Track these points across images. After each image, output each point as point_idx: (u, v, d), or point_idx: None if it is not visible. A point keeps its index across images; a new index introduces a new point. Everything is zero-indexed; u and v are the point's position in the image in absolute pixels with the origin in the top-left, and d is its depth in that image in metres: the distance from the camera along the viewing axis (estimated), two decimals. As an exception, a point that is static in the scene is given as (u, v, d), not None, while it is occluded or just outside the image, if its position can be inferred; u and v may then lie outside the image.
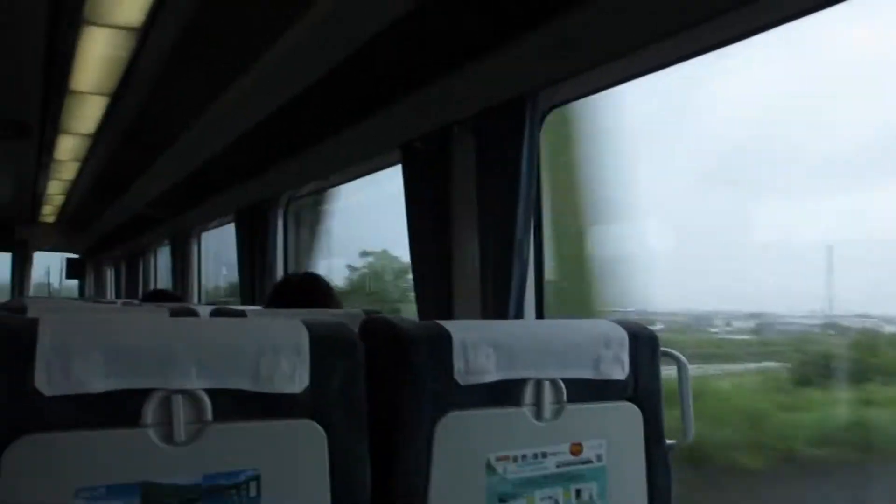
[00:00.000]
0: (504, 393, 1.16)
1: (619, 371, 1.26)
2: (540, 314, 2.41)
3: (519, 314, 2.25)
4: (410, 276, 2.74)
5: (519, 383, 1.17)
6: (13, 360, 0.83)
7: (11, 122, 4.31)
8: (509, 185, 2.22)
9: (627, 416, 1.27)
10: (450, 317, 2.51)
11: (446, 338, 1.13)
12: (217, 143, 3.56)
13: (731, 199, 2.31)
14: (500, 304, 2.25)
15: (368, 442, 1.04)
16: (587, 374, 1.23)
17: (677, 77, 2.07)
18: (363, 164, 3.32)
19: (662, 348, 1.34)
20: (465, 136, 2.44)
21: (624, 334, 1.28)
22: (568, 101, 2.32)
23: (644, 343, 1.31)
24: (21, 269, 11.94)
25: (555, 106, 2.34)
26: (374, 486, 1.03)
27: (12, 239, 11.68)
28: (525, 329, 1.26)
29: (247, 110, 2.95)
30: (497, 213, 2.28)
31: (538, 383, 1.18)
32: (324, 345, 1.00)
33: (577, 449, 1.20)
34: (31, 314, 0.91)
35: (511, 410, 1.17)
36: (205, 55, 3.41)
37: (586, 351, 1.24)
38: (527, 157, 2.21)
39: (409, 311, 2.88)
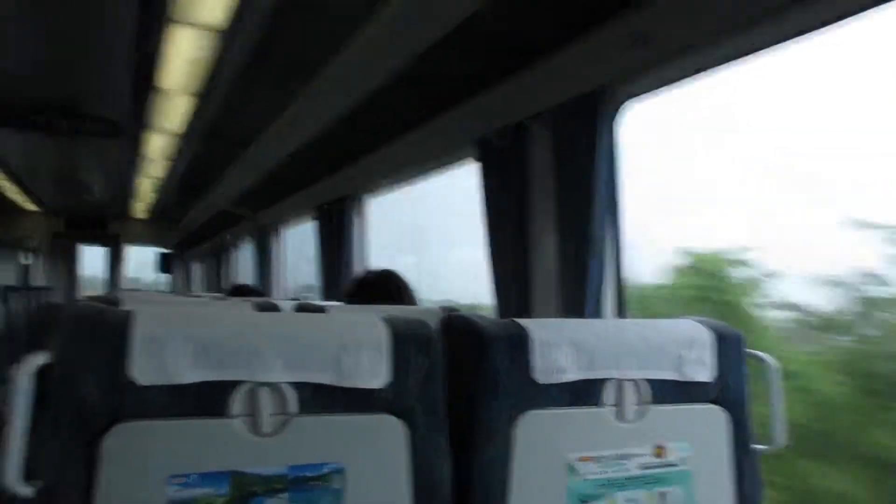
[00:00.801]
0: (584, 393, 1.15)
1: (704, 372, 1.23)
2: (620, 313, 2.37)
3: (597, 313, 2.22)
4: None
5: (599, 383, 1.16)
6: (111, 350, 0.87)
7: (104, 121, 4.50)
8: (586, 181, 2.19)
9: (713, 418, 1.23)
10: (527, 315, 2.49)
11: (525, 336, 1.12)
12: (297, 141, 3.64)
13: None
14: (578, 302, 2.22)
15: (448, 438, 1.04)
16: (670, 375, 1.20)
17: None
18: (438, 160, 3.33)
19: (749, 350, 1.30)
20: (542, 131, 2.42)
21: (708, 335, 1.24)
22: (645, 93, 2.27)
23: (730, 344, 1.26)
24: (115, 263, 12.52)
25: (631, 98, 2.29)
26: (454, 482, 1.04)
27: (106, 234, 12.27)
28: (604, 328, 1.24)
29: (325, 108, 3.00)
30: (574, 209, 2.25)
31: (619, 383, 1.16)
32: (404, 341, 1.01)
33: (660, 451, 1.17)
34: (124, 307, 0.95)
35: (591, 410, 1.15)
36: (285, 55, 3.49)
37: (669, 351, 1.21)
38: (604, 151, 2.18)
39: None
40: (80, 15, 3.17)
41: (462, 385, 1.10)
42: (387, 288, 2.15)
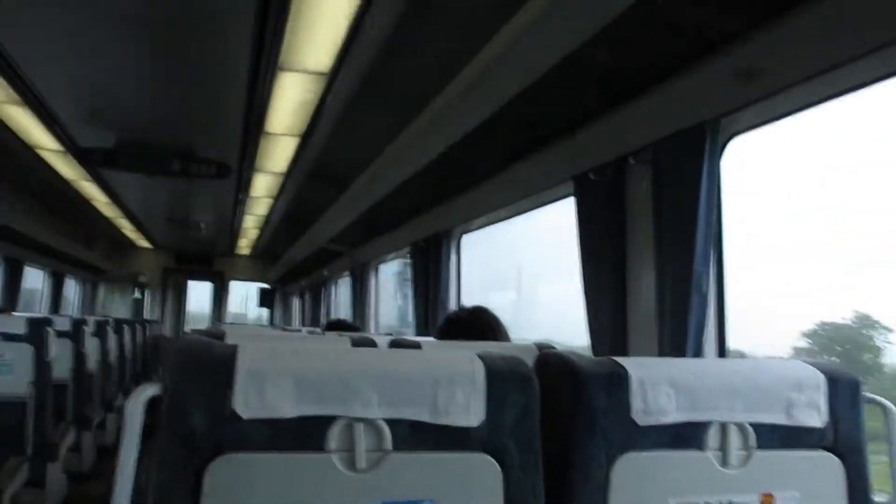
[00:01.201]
0: (685, 436, 1.10)
1: (815, 417, 1.16)
2: (722, 352, 2.28)
3: (698, 352, 2.14)
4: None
5: (702, 426, 1.11)
6: (217, 383, 0.90)
7: (215, 163, 4.73)
8: (688, 217, 2.13)
9: (826, 467, 1.16)
10: (624, 353, 2.43)
11: (623, 375, 1.09)
12: (395, 180, 3.71)
13: None
14: (678, 340, 2.15)
15: (543, 479, 1.02)
16: (778, 419, 1.14)
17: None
18: (534, 197, 3.32)
19: (866, 394, 1.22)
20: (642, 166, 2.38)
21: (819, 377, 1.17)
22: (750, 128, 2.20)
23: (844, 387, 1.19)
24: (219, 297, 13.05)
25: (736, 133, 2.23)
26: None
27: (212, 270, 12.83)
28: (707, 368, 1.19)
29: (424, 147, 3.05)
30: (675, 245, 2.19)
31: (723, 427, 1.11)
32: (499, 378, 1.00)
33: (767, 500, 1.11)
34: (228, 340, 0.98)
35: (693, 454, 1.10)
36: (385, 96, 3.59)
37: (776, 394, 1.14)
38: (706, 187, 2.12)
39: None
40: (199, 66, 3.38)
41: (557, 424, 1.07)
42: (479, 325, 2.14)
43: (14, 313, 5.06)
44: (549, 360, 1.15)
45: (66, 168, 5.62)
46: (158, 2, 2.72)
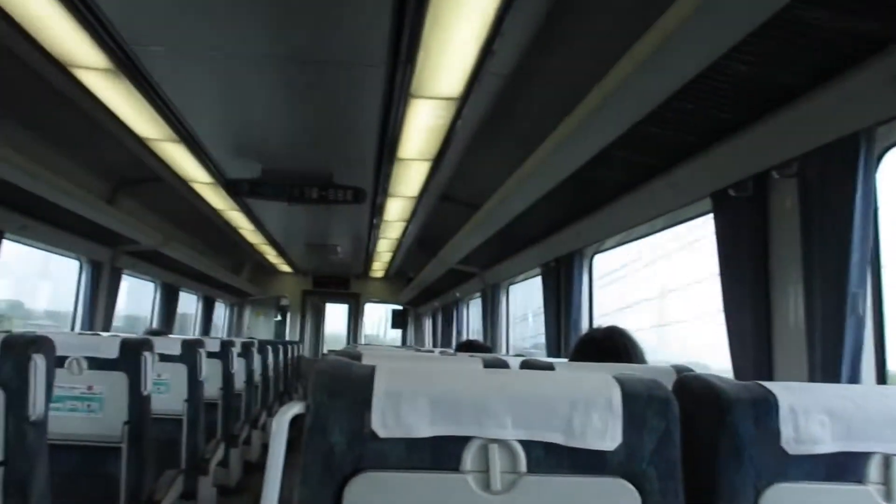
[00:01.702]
0: (843, 467, 1.03)
1: None
2: (882, 378, 2.10)
3: (854, 377, 1.99)
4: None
5: (861, 457, 1.03)
6: (356, 403, 0.93)
7: (351, 189, 4.91)
8: (840, 234, 1.99)
9: None
10: (770, 378, 2.30)
11: (772, 401, 1.03)
12: (525, 201, 3.71)
13: None
14: (830, 365, 2.00)
15: None
16: None
17: None
18: (669, 214, 3.22)
19: None
20: (786, 181, 2.26)
21: None
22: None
23: None
24: (355, 318, 13.48)
25: (892, 144, 2.07)
26: None
27: (349, 292, 13.29)
28: (866, 395, 1.10)
29: (555, 167, 3.04)
30: (826, 264, 2.06)
31: (887, 459, 1.02)
32: (637, 402, 0.97)
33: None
34: (364, 361, 1.01)
35: (851, 488, 1.02)
36: (514, 119, 3.61)
37: None
38: (861, 201, 1.97)
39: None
40: (335, 97, 3.54)
41: (698, 451, 1.03)
42: (613, 346, 2.08)
43: (170, 336, 5.44)
44: (689, 383, 1.11)
45: (216, 198, 6.02)
46: (297, 40, 2.88)
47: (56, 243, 5.51)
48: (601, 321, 4.35)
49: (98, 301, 6.21)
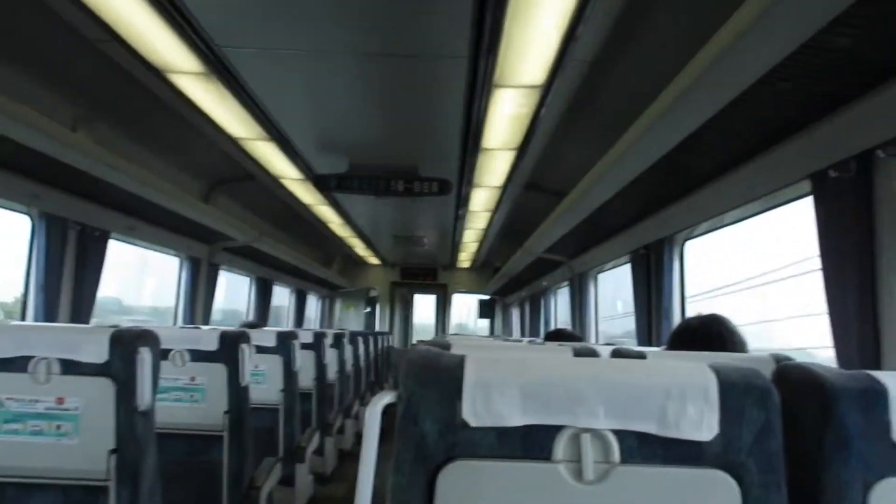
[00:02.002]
0: None
1: None
2: None
3: (974, 366, 1.87)
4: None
5: None
6: (447, 392, 0.94)
7: (437, 181, 4.94)
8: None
9: None
10: (876, 366, 2.19)
11: (881, 391, 0.98)
12: (612, 188, 3.65)
13: None
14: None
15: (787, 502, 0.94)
16: None
17: None
18: (764, 198, 3.10)
19: None
20: (892, 160, 2.14)
21: None
22: None
23: None
24: (443, 309, 13.61)
25: None
26: None
27: (436, 283, 13.42)
28: None
29: (642, 153, 2.97)
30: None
31: None
32: (734, 391, 0.93)
33: None
34: (454, 350, 1.01)
35: None
36: (599, 105, 3.55)
37: None
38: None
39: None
40: (420, 90, 3.57)
41: (800, 444, 0.99)
42: (712, 335, 2.01)
43: (265, 328, 5.63)
44: (790, 372, 1.06)
45: (306, 194, 6.18)
46: (381, 35, 2.91)
47: (158, 242, 5.78)
48: (694, 310, 4.24)
49: (197, 296, 6.49)
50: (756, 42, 1.86)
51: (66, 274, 4.25)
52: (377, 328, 13.14)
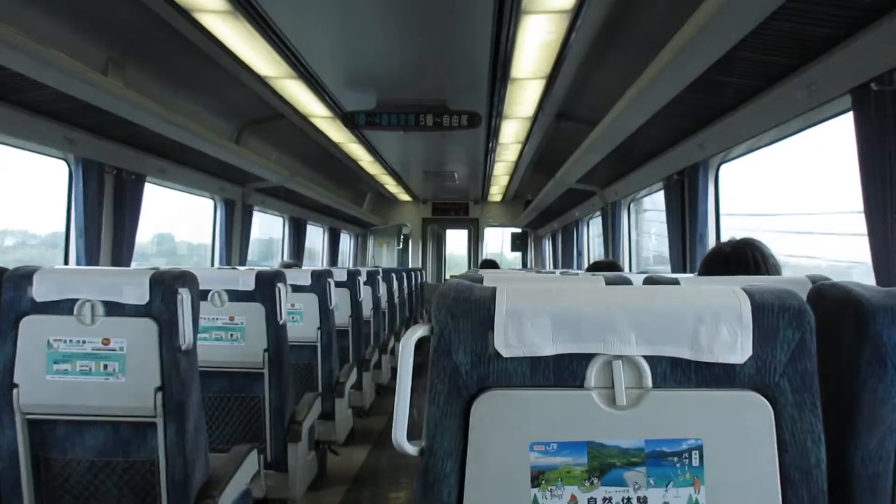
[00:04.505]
0: None
1: None
2: None
3: None
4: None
5: None
6: (479, 324, 0.94)
7: (466, 114, 4.89)
8: None
9: None
10: (919, 284, 2.15)
11: None
12: (644, 113, 3.56)
13: None
14: None
15: (822, 421, 0.94)
16: None
17: None
18: (803, 117, 3.00)
19: None
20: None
21: None
22: None
23: None
24: (475, 243, 13.64)
25: None
26: (828, 470, 0.93)
27: (467, 217, 13.42)
28: None
29: (673, 76, 2.88)
30: None
31: None
32: (768, 313, 0.92)
33: None
34: (486, 284, 1.01)
35: None
36: (630, 26, 3.44)
37: None
38: None
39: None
40: (446, 21, 3.51)
41: (836, 363, 0.98)
42: (745, 259, 1.98)
43: (302, 267, 5.69)
44: (825, 291, 1.05)
45: (335, 132, 6.16)
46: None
47: (192, 184, 5.84)
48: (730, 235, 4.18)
49: (233, 237, 6.58)
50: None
51: (105, 218, 4.33)
52: (410, 265, 13.23)
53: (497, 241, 14.12)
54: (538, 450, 0.92)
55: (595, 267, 3.35)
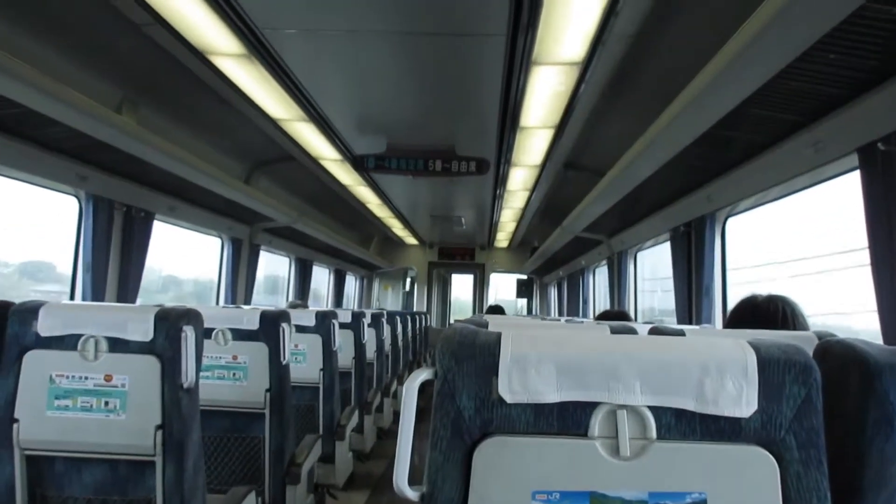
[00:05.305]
0: None
1: None
2: None
3: None
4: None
5: None
6: (484, 369, 0.94)
7: (475, 160, 4.93)
8: None
9: None
10: (926, 343, 2.13)
11: None
12: (652, 165, 3.59)
13: None
14: None
15: (827, 479, 0.92)
16: None
17: None
18: (810, 173, 3.02)
19: None
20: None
21: None
22: None
23: None
24: (481, 288, 13.62)
25: None
26: None
27: (473, 263, 13.43)
28: None
29: (681, 130, 2.91)
30: None
31: None
32: (773, 368, 0.92)
33: None
34: (491, 329, 1.01)
35: None
36: (640, 79, 3.49)
37: None
38: None
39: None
40: (457, 69, 3.56)
41: (842, 421, 0.97)
42: (776, 310, 1.95)
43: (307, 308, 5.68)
44: (832, 348, 1.05)
45: (344, 174, 6.21)
46: (419, 14, 2.90)
47: (200, 223, 5.87)
48: (737, 289, 4.18)
49: (239, 276, 6.59)
50: (802, 14, 1.81)
51: (113, 254, 4.35)
52: (415, 308, 13.20)
53: (509, 287, 14.09)
54: (540, 499, 0.91)
55: (604, 316, 3.34)
